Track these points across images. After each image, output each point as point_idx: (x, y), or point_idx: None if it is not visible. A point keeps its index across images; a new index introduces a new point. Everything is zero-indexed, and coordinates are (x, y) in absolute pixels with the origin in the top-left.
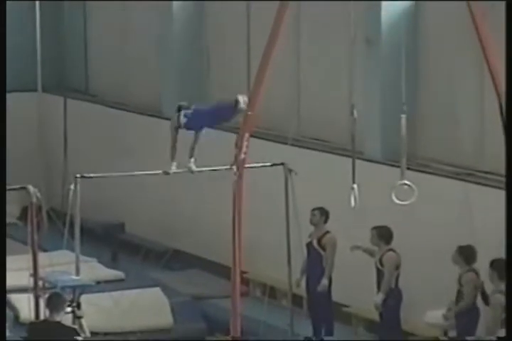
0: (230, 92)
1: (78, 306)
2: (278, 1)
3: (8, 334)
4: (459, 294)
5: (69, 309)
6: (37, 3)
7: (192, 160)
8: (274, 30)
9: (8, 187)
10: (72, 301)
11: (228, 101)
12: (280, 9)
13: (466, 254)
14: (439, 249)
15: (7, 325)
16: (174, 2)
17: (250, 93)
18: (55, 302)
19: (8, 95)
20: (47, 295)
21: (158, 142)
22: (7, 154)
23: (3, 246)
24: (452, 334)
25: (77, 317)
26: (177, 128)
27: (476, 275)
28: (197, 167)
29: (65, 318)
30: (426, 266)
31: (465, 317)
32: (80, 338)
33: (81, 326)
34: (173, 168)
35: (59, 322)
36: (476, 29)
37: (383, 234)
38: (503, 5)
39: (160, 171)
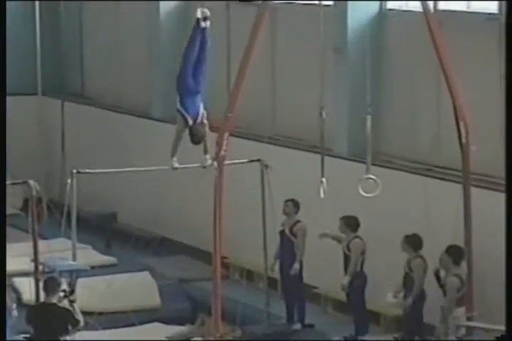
0: (212, 94)
1: (71, 292)
2: (256, 9)
3: (15, 314)
4: (407, 278)
5: (61, 294)
6: (36, 11)
7: (174, 158)
8: (252, 38)
9: (11, 181)
10: (69, 286)
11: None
12: (258, 17)
13: (413, 242)
14: (399, 237)
15: (14, 306)
16: (161, 10)
17: (230, 96)
18: (50, 286)
19: (10, 98)
20: (44, 279)
21: (146, 140)
22: (10, 152)
23: (3, 247)
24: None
25: (70, 302)
26: (183, 128)
27: (423, 261)
28: (181, 164)
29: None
30: (388, 252)
31: (414, 299)
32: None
33: (73, 308)
34: (175, 164)
35: (55, 304)
36: (432, 38)
37: (350, 223)
38: (456, 16)
39: (163, 167)
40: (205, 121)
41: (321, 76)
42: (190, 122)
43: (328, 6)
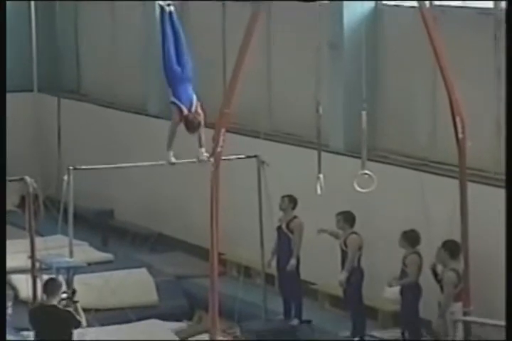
0: (208, 91)
1: (73, 293)
2: (252, 6)
3: (9, 312)
4: (403, 273)
5: (64, 295)
6: (32, 7)
7: (171, 153)
8: (247, 35)
9: (7, 178)
10: (66, 283)
11: None
12: (253, 14)
13: (411, 238)
14: (395, 232)
15: (9, 303)
16: (156, 7)
17: (225, 92)
18: (51, 287)
19: (6, 95)
20: (44, 280)
21: (142, 136)
22: (7, 149)
23: (3, 245)
24: (397, 307)
25: (73, 302)
26: (179, 120)
27: (419, 257)
28: (177, 159)
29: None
30: (384, 247)
31: (409, 294)
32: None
33: (76, 310)
34: (172, 159)
35: (55, 306)
36: (427, 33)
37: (348, 219)
38: (450, 11)
39: (160, 162)
40: (200, 111)
41: (317, 71)
42: (186, 111)
43: (324, 0)
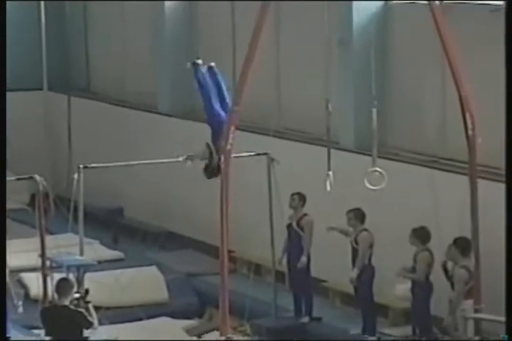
0: None
1: (86, 292)
2: (260, 3)
3: (20, 310)
4: (414, 270)
5: (77, 295)
6: (42, 6)
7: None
8: (256, 31)
9: (17, 177)
10: (79, 286)
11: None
12: (261, 12)
13: (420, 235)
14: (406, 229)
15: (20, 303)
16: (166, 5)
17: (235, 90)
18: (63, 287)
19: (16, 94)
20: (56, 280)
21: (153, 134)
22: (17, 148)
23: (3, 246)
24: (408, 304)
25: (85, 302)
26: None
27: (430, 254)
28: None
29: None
30: (395, 244)
31: (419, 291)
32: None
33: (88, 310)
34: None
35: (66, 306)
36: (437, 30)
37: (358, 216)
38: (461, 7)
39: (170, 160)
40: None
41: (326, 69)
42: (217, 159)
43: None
